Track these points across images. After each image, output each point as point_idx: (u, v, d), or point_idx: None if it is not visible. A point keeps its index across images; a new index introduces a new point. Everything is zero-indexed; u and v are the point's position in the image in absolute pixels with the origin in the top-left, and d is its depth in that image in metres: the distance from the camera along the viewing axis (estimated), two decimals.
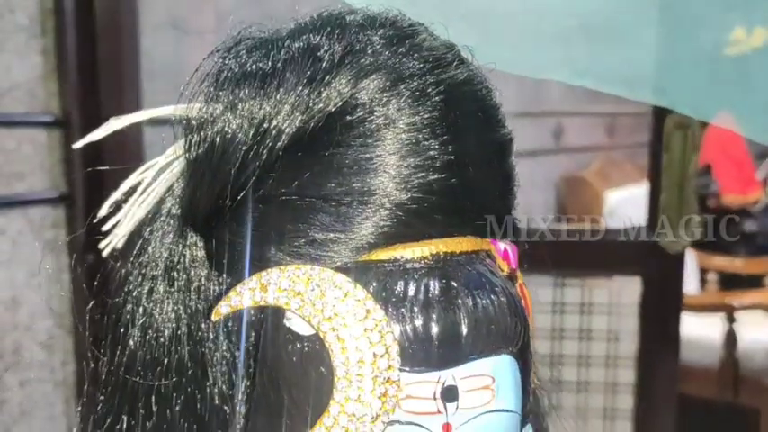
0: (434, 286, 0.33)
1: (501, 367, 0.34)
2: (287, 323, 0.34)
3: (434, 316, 0.32)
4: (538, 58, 0.82)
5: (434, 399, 0.32)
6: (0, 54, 1.26)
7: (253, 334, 0.37)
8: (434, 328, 0.32)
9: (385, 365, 0.31)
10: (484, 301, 0.33)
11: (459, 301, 0.33)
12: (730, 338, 2.29)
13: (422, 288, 0.33)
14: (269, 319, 0.35)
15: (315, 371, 0.33)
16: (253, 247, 0.35)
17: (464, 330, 0.33)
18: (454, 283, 0.33)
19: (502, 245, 0.37)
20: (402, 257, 0.34)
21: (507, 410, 0.34)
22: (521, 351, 0.35)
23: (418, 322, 0.32)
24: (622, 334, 1.54)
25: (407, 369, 0.32)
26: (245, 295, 0.32)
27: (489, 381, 0.33)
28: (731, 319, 2.29)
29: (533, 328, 0.37)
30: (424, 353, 0.32)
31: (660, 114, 1.42)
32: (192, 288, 0.39)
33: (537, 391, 0.43)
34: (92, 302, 0.41)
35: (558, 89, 2.70)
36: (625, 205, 2.51)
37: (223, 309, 0.33)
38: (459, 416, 0.33)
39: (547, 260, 0.52)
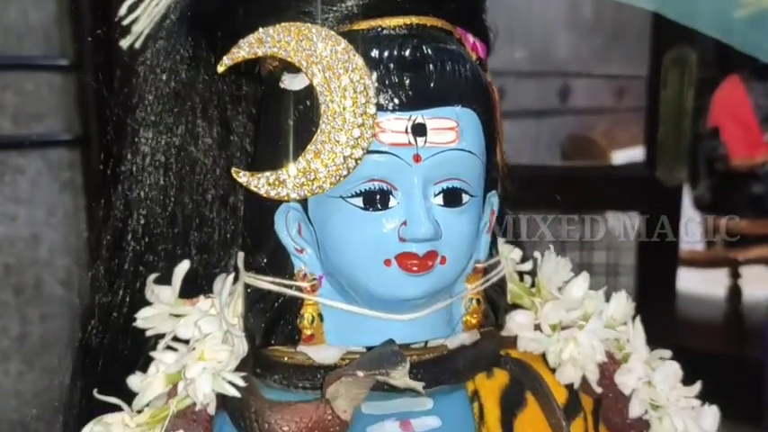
0: (407, 47, 0.38)
1: (465, 117, 0.39)
2: (281, 85, 0.39)
3: (406, 68, 0.38)
4: None
5: (406, 133, 0.38)
6: None
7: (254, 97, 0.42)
8: (406, 77, 0.38)
9: (363, 101, 0.36)
10: (450, 63, 0.39)
11: (429, 61, 0.38)
12: (735, 293, 2.32)
13: (396, 47, 0.38)
14: (266, 84, 0.41)
15: (305, 118, 0.38)
16: (253, 23, 0.39)
17: (432, 81, 0.38)
18: (425, 47, 0.39)
19: (471, 38, 0.42)
20: (380, 26, 0.39)
21: (470, 152, 0.39)
22: (485, 113, 0.40)
23: (392, 72, 0.38)
24: (621, 268, 1.58)
25: (383, 109, 0.38)
26: (244, 48, 0.37)
27: (454, 124, 0.38)
28: (736, 275, 2.32)
29: (500, 112, 0.42)
30: (397, 95, 0.38)
31: (658, 50, 1.46)
32: (197, 82, 0.44)
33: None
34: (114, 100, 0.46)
35: (565, 50, 2.72)
36: None
37: (226, 61, 0.38)
38: (428, 149, 0.38)
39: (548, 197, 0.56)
